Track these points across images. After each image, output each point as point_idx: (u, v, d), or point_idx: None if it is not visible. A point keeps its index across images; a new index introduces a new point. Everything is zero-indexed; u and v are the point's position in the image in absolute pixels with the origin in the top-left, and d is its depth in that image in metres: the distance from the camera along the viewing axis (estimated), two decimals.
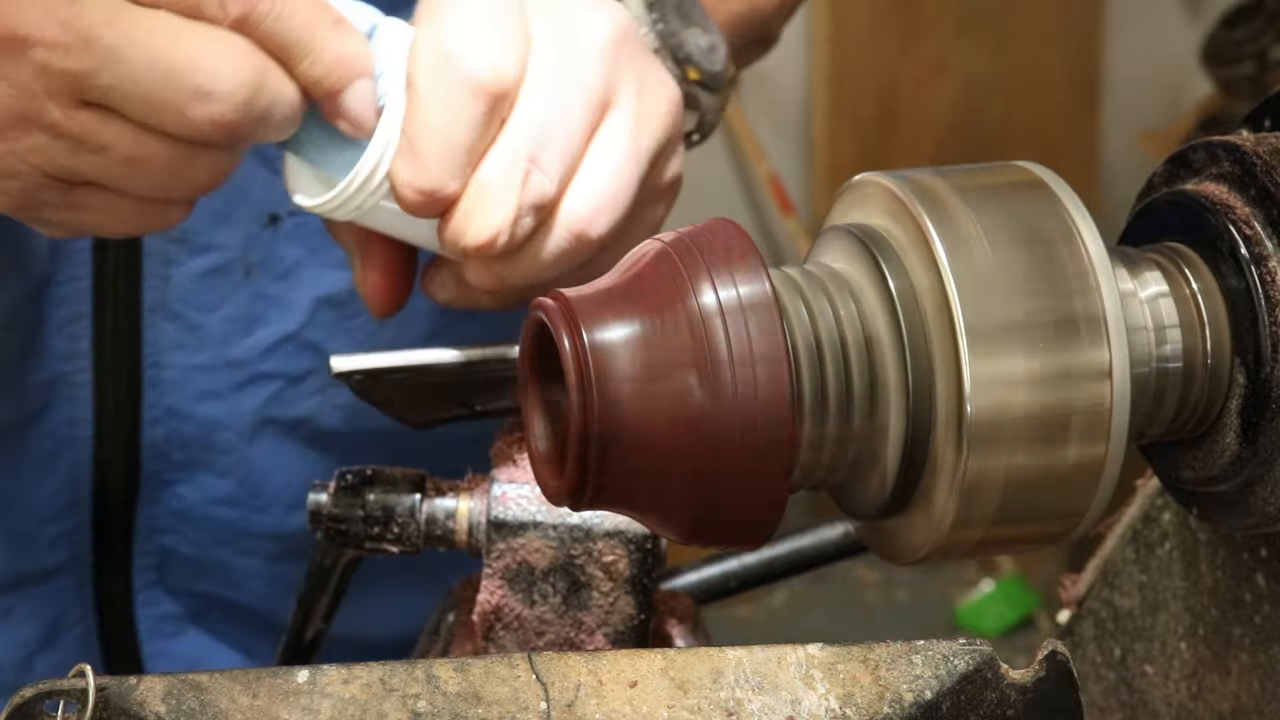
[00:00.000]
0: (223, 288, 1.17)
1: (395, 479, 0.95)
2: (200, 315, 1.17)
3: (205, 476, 1.21)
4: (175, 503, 1.21)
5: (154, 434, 1.19)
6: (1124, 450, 0.75)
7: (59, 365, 1.16)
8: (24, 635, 1.22)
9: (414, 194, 0.87)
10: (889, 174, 0.77)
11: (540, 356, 0.76)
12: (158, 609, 1.25)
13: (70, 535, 1.21)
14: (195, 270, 1.16)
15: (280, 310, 1.18)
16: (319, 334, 1.19)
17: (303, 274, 1.17)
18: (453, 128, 0.86)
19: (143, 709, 0.70)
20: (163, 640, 1.25)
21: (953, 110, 3.84)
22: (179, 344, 1.18)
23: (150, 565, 1.23)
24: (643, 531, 0.91)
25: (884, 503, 0.76)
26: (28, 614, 1.22)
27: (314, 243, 1.16)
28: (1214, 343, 0.77)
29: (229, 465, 1.21)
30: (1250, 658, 0.87)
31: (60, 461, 1.19)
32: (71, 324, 1.16)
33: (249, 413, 1.20)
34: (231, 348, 1.18)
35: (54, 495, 1.19)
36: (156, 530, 1.22)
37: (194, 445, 1.20)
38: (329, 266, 1.17)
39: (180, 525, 1.22)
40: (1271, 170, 0.76)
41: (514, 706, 0.71)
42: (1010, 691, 0.73)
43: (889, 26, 3.78)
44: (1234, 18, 3.25)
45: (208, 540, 1.23)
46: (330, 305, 1.18)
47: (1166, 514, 0.92)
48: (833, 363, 0.74)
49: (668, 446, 0.72)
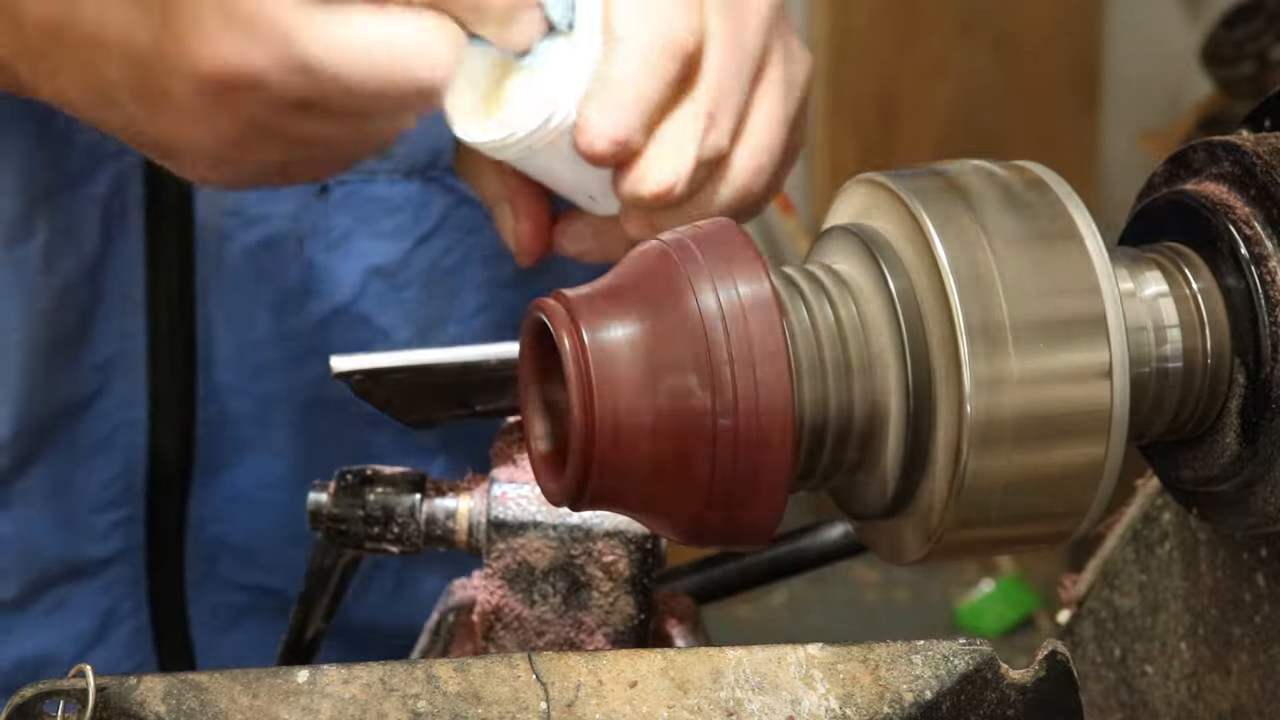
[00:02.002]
0: (275, 260, 1.17)
1: (395, 479, 0.95)
2: (253, 289, 1.17)
3: (259, 457, 1.21)
4: (228, 488, 1.21)
5: (208, 413, 1.19)
6: (1124, 450, 0.75)
7: (114, 346, 1.17)
8: (78, 628, 1.22)
9: (606, 143, 0.89)
10: (889, 174, 0.77)
11: (540, 356, 0.76)
12: (209, 602, 1.24)
13: (124, 525, 1.21)
14: (248, 243, 1.16)
15: (331, 282, 1.18)
16: (370, 306, 1.19)
17: (352, 244, 1.17)
18: (652, 85, 0.89)
19: (143, 709, 0.70)
20: (215, 634, 1.25)
21: (953, 110, 3.84)
22: (232, 319, 1.17)
23: (202, 556, 1.23)
24: (643, 531, 0.91)
25: (884, 503, 0.76)
26: (82, 606, 1.22)
27: (362, 211, 1.17)
28: (1214, 343, 0.77)
29: (283, 444, 1.21)
30: (1250, 658, 0.87)
31: (115, 446, 1.19)
32: (126, 302, 1.16)
33: (303, 389, 1.20)
34: (285, 322, 1.18)
35: (108, 483, 1.19)
36: (209, 519, 1.22)
37: (248, 424, 1.20)
38: (378, 236, 1.17)
39: (233, 512, 1.22)
40: (1271, 170, 0.76)
41: (514, 706, 0.71)
42: (1010, 691, 0.73)
43: (888, 26, 3.77)
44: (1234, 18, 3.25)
45: (261, 528, 1.22)
46: (381, 276, 1.18)
47: (1166, 514, 0.92)
48: (833, 363, 0.74)
49: (668, 447, 0.72)
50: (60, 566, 1.21)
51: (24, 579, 1.21)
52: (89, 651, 1.23)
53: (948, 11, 3.81)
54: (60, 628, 1.22)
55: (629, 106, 0.89)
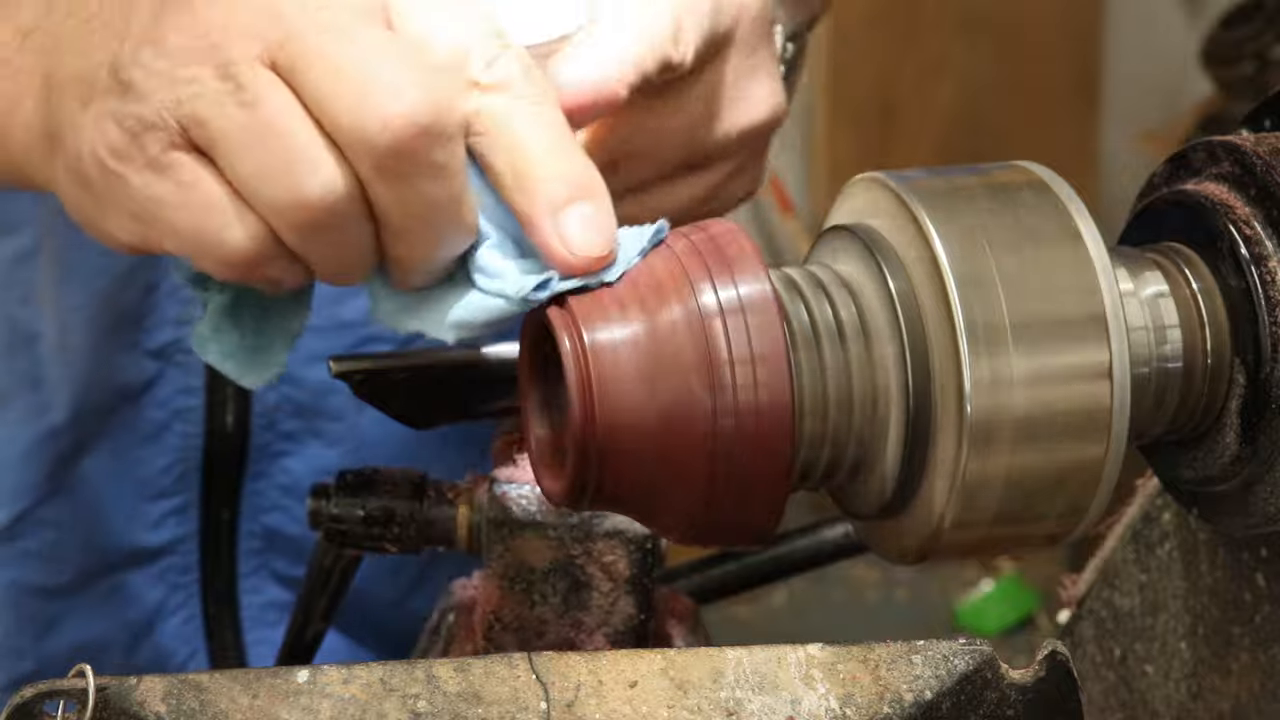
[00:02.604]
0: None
1: (395, 479, 0.95)
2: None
3: (314, 446, 1.22)
4: (283, 477, 1.22)
5: (265, 401, 1.20)
6: (1124, 450, 0.75)
7: (171, 332, 1.17)
8: (130, 616, 1.23)
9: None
10: (889, 174, 0.77)
11: (540, 356, 0.76)
12: (261, 596, 1.25)
13: (178, 513, 1.21)
14: None
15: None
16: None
17: None
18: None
19: (143, 709, 0.70)
20: (265, 629, 1.25)
21: (953, 110, 3.84)
22: None
23: (255, 550, 1.24)
24: (643, 531, 0.91)
25: (884, 503, 0.76)
26: (135, 594, 1.23)
27: None
28: (1214, 343, 0.77)
29: (339, 434, 1.22)
30: (1250, 658, 0.87)
31: (171, 433, 1.19)
32: (184, 287, 1.16)
33: None
34: (343, 308, 1.17)
35: (163, 471, 1.20)
36: (263, 509, 1.23)
37: (304, 412, 1.21)
38: None
39: (287, 501, 1.22)
40: (1271, 170, 0.76)
41: (514, 706, 0.71)
42: (1010, 691, 0.73)
43: (889, 25, 3.77)
44: (1234, 18, 3.24)
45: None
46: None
47: (1166, 514, 0.92)
48: (833, 363, 0.74)
49: (667, 447, 0.72)
50: (115, 554, 1.22)
51: (79, 565, 1.21)
52: (141, 641, 1.23)
53: (948, 11, 3.81)
54: (113, 616, 1.23)
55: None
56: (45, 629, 1.22)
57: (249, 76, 0.72)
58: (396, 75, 0.71)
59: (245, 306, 0.81)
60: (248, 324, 0.81)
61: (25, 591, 1.21)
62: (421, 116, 0.71)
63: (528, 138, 0.75)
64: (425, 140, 0.72)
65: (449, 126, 0.72)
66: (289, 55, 0.72)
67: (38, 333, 1.17)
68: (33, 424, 1.18)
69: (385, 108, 0.71)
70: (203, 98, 0.73)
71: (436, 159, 0.72)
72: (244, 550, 1.24)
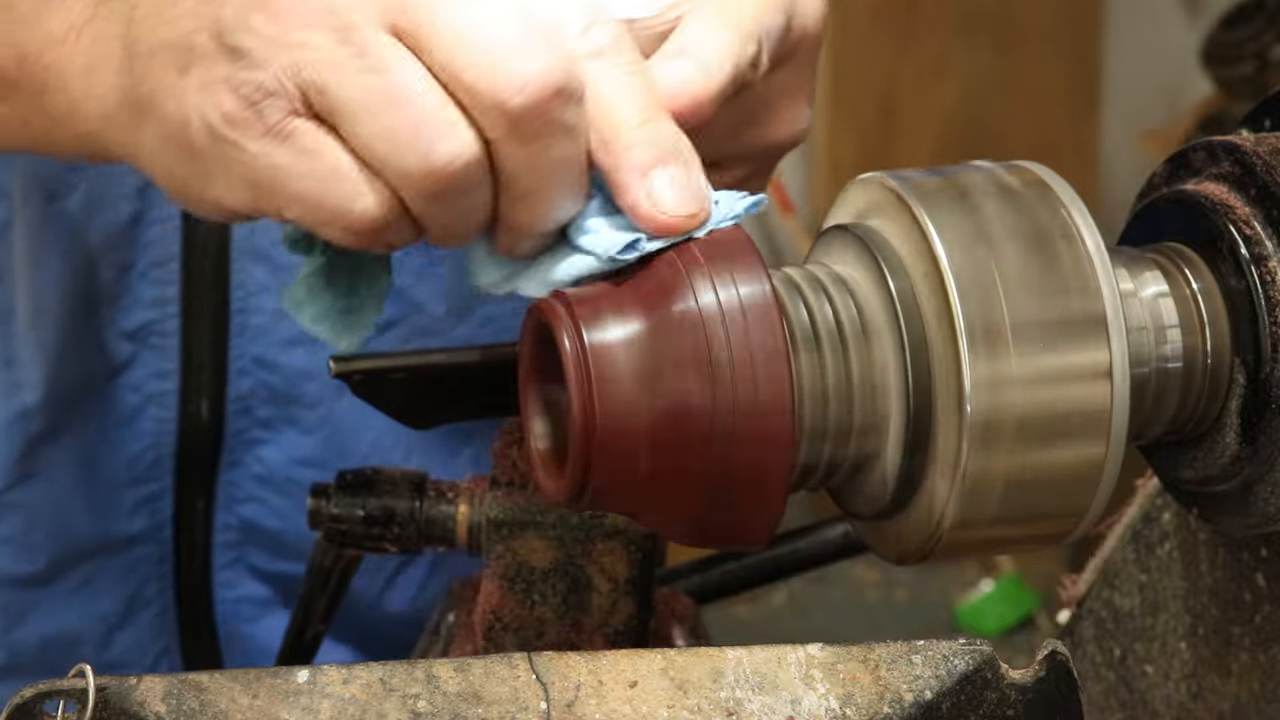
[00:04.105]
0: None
1: (395, 479, 0.95)
2: (289, 256, 1.17)
3: (290, 434, 1.20)
4: (258, 466, 1.21)
5: (240, 386, 1.18)
6: (1124, 450, 0.75)
7: (147, 312, 1.16)
8: (104, 608, 1.22)
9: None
10: (889, 174, 0.77)
11: (540, 356, 0.76)
12: (236, 590, 1.24)
13: (152, 501, 1.20)
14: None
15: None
16: (406, 279, 1.17)
17: None
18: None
19: (143, 709, 0.70)
20: (241, 623, 1.24)
21: (953, 110, 3.84)
22: (267, 287, 1.16)
23: (231, 542, 1.22)
24: (643, 531, 0.91)
25: (884, 503, 0.76)
26: (108, 585, 1.21)
27: None
28: (1214, 343, 0.77)
29: (315, 421, 1.20)
30: (1250, 658, 0.87)
31: (145, 417, 1.18)
32: (160, 268, 1.15)
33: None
34: None
35: (137, 457, 1.19)
36: (238, 500, 1.21)
37: (280, 398, 1.19)
38: None
39: (263, 492, 1.21)
40: (1271, 170, 0.76)
41: (514, 706, 0.71)
42: (1010, 691, 0.73)
43: (889, 26, 3.77)
44: (1234, 18, 3.24)
45: (291, 509, 1.21)
46: (418, 249, 1.18)
47: (1166, 514, 0.92)
48: (833, 363, 0.74)
49: (667, 447, 0.72)
50: (87, 542, 1.20)
51: (50, 553, 1.20)
52: (115, 633, 1.22)
53: (948, 11, 3.81)
54: (86, 607, 1.21)
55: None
56: (15, 620, 1.21)
57: (372, 41, 0.72)
58: (525, 37, 0.72)
59: (338, 270, 0.81)
60: (341, 286, 0.82)
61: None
62: (555, 77, 0.72)
63: (620, 103, 0.76)
64: (559, 101, 0.72)
65: (579, 87, 0.73)
66: (411, 20, 0.72)
67: (10, 309, 1.16)
68: (3, 404, 1.17)
69: (521, 70, 0.71)
70: (323, 63, 0.72)
71: (568, 119, 0.73)
72: (219, 543, 1.22)
